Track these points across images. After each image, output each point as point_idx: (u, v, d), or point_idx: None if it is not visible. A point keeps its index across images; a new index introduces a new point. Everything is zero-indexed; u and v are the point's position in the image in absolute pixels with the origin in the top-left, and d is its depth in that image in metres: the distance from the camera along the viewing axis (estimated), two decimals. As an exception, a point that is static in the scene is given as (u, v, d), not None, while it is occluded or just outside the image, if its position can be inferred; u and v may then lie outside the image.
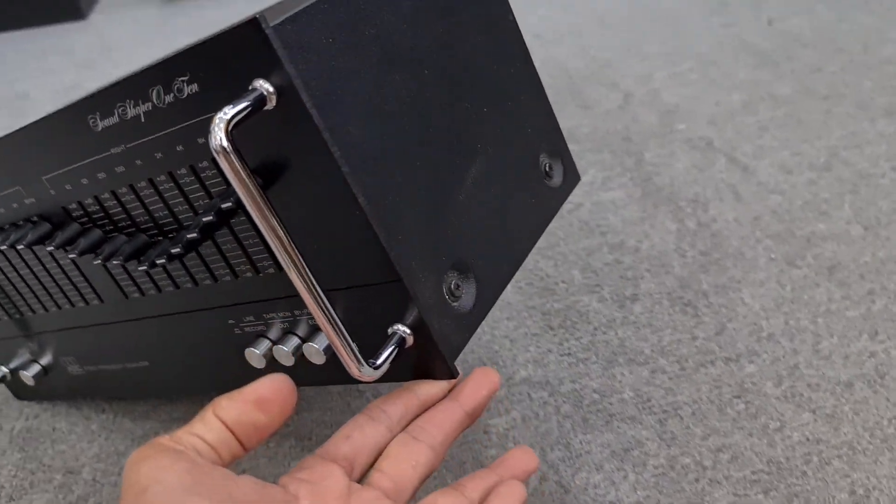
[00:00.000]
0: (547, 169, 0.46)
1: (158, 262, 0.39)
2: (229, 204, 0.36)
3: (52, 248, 0.43)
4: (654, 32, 1.07)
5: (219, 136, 0.30)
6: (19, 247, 0.44)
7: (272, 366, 0.41)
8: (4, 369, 0.57)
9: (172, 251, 0.38)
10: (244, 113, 0.30)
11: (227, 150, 0.30)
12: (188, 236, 0.37)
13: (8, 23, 1.56)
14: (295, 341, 0.40)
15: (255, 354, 0.40)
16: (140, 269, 0.40)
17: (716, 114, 0.84)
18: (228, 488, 0.30)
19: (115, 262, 0.41)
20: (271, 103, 0.31)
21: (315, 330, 0.39)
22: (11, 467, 0.53)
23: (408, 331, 0.36)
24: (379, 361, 0.35)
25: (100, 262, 0.41)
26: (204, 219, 0.36)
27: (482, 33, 0.43)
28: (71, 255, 0.42)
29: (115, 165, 0.39)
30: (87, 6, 1.59)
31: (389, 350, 0.35)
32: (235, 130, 0.30)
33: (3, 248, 0.46)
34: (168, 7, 1.56)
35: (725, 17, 1.08)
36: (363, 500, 0.34)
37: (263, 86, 0.31)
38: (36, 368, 0.55)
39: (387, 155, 0.35)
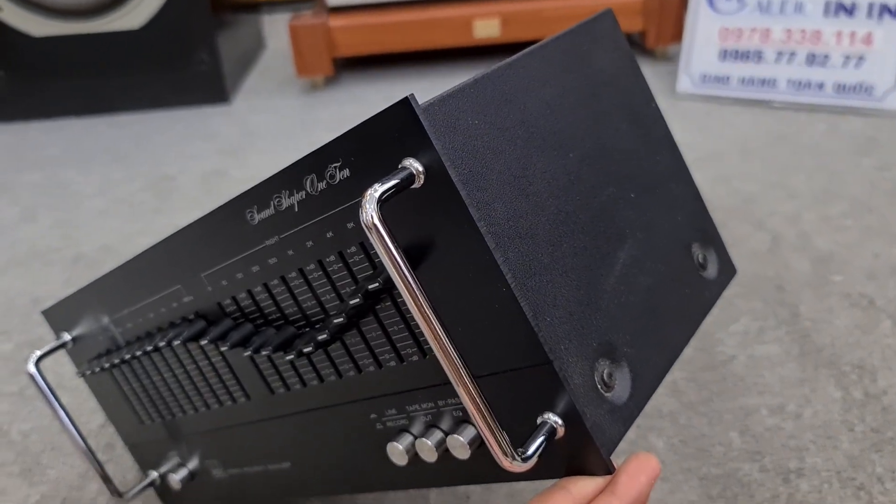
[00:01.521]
0: (700, 260, 0.45)
1: (305, 350, 0.40)
2: (377, 285, 0.36)
3: (205, 342, 0.44)
4: (798, 167, 1.05)
5: (370, 211, 0.30)
6: (175, 343, 0.46)
7: (414, 462, 0.40)
8: (155, 474, 0.58)
9: (319, 338, 0.39)
10: (394, 189, 0.31)
11: (378, 224, 0.30)
12: (335, 321, 0.38)
13: (156, 103, 1.66)
14: (438, 435, 0.39)
15: (397, 449, 0.40)
16: (287, 358, 0.41)
17: (875, 267, 0.80)
18: None
19: (263, 353, 0.42)
20: (419, 181, 0.32)
21: (459, 423, 0.38)
22: (157, 583, 0.53)
23: (559, 420, 0.34)
24: (529, 452, 0.33)
25: (249, 353, 0.42)
26: (351, 302, 0.37)
27: (626, 121, 0.43)
28: (223, 349, 0.43)
29: (269, 257, 0.40)
30: (232, 90, 1.68)
31: (540, 440, 0.34)
32: (384, 208, 0.31)
33: (161, 344, 0.47)
34: (307, 97, 1.64)
35: (877, 159, 1.05)
36: None
37: (413, 164, 0.32)
38: (184, 472, 0.55)
39: (533, 235, 0.35)
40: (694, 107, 1.31)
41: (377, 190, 0.31)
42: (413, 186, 0.32)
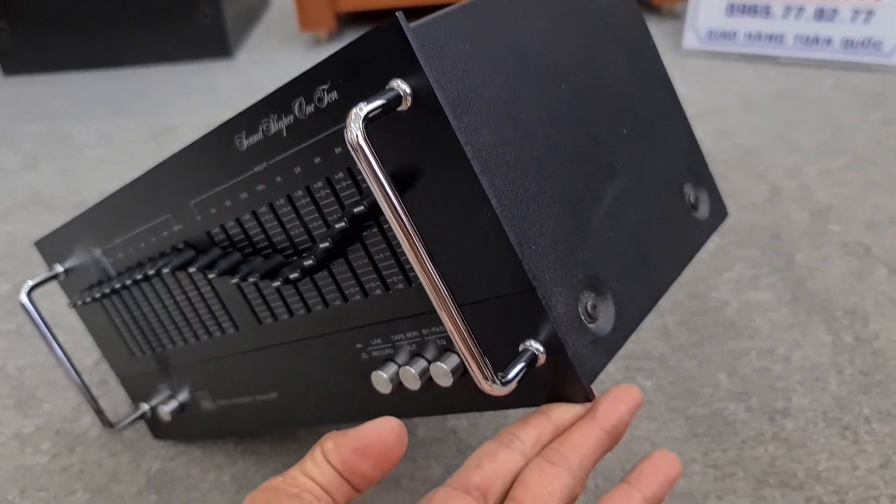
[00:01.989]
0: (692, 200, 0.45)
1: (292, 277, 0.40)
2: (362, 208, 0.36)
3: (193, 269, 0.45)
4: (803, 121, 1.03)
5: (355, 130, 0.30)
6: (164, 271, 0.46)
7: (399, 391, 0.40)
8: (146, 406, 0.58)
9: (306, 264, 0.39)
10: (379, 109, 0.31)
11: (363, 144, 0.30)
12: (321, 246, 0.38)
13: (157, 57, 1.65)
14: (422, 363, 0.39)
15: (381, 378, 0.40)
16: (274, 285, 0.41)
17: (874, 218, 0.79)
18: None
19: (251, 281, 0.42)
20: (406, 104, 0.32)
21: (443, 352, 0.38)
22: (146, 509, 0.54)
23: (540, 348, 0.34)
24: (509, 376, 0.33)
25: (237, 281, 0.42)
26: (337, 226, 0.37)
27: (622, 57, 0.43)
28: (210, 276, 0.44)
29: (257, 184, 0.40)
30: (235, 45, 1.67)
31: (520, 366, 0.34)
32: (370, 131, 0.30)
33: (151, 273, 0.48)
34: (310, 52, 1.63)
35: (883, 113, 1.03)
36: None
37: (400, 86, 0.32)
38: (173, 404, 0.56)
39: (520, 163, 0.34)
40: (699, 63, 1.29)
41: (362, 109, 0.30)
42: (400, 109, 0.32)
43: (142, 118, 1.33)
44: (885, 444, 0.53)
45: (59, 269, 0.57)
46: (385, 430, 0.32)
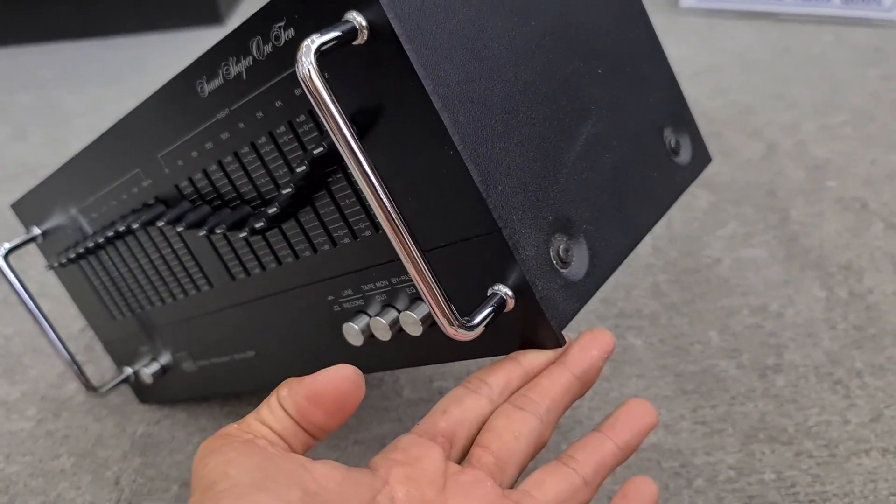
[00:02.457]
0: (672, 144, 0.43)
1: (258, 226, 0.39)
2: (322, 149, 0.35)
3: (162, 223, 0.44)
4: (801, 78, 1.01)
5: (306, 64, 0.29)
6: (134, 226, 0.45)
7: (370, 343, 0.39)
8: (130, 370, 0.58)
9: (270, 212, 0.38)
10: (333, 42, 0.29)
11: (315, 78, 0.29)
12: (284, 192, 0.37)
13: (148, 25, 1.63)
14: (393, 314, 0.38)
15: (353, 330, 0.39)
16: (241, 236, 0.40)
17: (872, 174, 0.78)
18: (302, 480, 0.28)
19: (218, 232, 0.41)
20: (362, 37, 0.30)
21: (413, 301, 0.38)
22: (132, 471, 0.53)
23: (509, 292, 0.33)
24: (475, 321, 0.32)
25: (204, 233, 0.41)
26: (298, 170, 0.36)
27: None
28: (178, 229, 0.43)
29: (221, 132, 0.39)
30: (225, 12, 1.65)
31: (487, 310, 0.33)
32: (326, 68, 0.29)
33: (121, 230, 0.47)
34: (302, 19, 1.60)
35: (883, 69, 1.01)
36: (461, 484, 0.31)
37: (356, 18, 0.30)
38: (155, 367, 0.56)
39: (486, 101, 0.33)
40: (696, 21, 1.27)
41: (315, 41, 0.29)
42: (355, 42, 0.31)
43: (133, 87, 1.32)
44: (876, 397, 0.52)
45: (37, 231, 0.56)
46: (339, 378, 0.31)
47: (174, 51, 1.48)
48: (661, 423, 0.52)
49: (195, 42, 1.52)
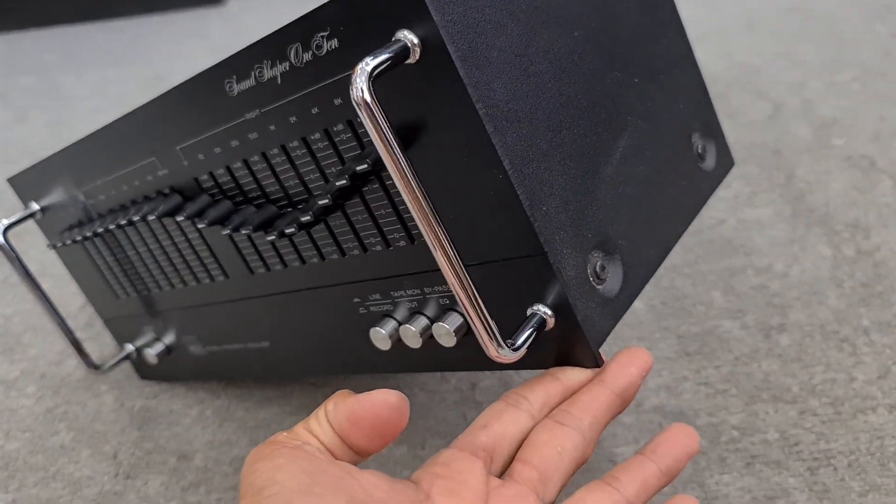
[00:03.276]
0: (700, 150, 0.43)
1: (288, 231, 0.38)
2: (365, 166, 0.34)
3: (181, 218, 0.43)
4: (808, 37, 0.99)
5: (361, 86, 0.28)
6: (150, 218, 0.44)
7: (397, 348, 0.38)
8: (131, 347, 0.57)
9: (303, 219, 0.37)
10: (386, 64, 0.29)
11: (370, 101, 0.28)
12: (320, 202, 0.36)
13: (148, 6, 1.62)
14: (423, 322, 0.37)
15: (380, 335, 0.38)
16: (268, 238, 0.39)
17: (880, 130, 0.76)
18: (349, 487, 0.28)
19: (243, 233, 0.40)
20: (414, 56, 0.30)
21: (445, 310, 0.37)
22: (130, 445, 0.53)
23: (549, 312, 0.33)
24: (518, 342, 0.32)
25: (228, 232, 0.41)
26: (338, 183, 0.35)
27: (635, 1, 0.40)
28: (200, 226, 0.42)
29: (249, 132, 0.38)
30: (226, -8, 1.63)
31: (529, 331, 0.33)
32: (376, 85, 0.28)
33: (136, 219, 0.46)
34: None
35: (893, 25, 0.99)
36: (505, 498, 0.31)
37: (408, 37, 0.29)
38: (160, 347, 0.55)
39: (532, 119, 0.32)
40: (702, -16, 1.24)
41: (369, 64, 0.28)
42: (408, 62, 0.30)
43: (134, 68, 1.31)
44: (884, 354, 0.51)
45: (35, 207, 0.55)
46: (380, 404, 0.30)
47: (175, 32, 1.47)
48: (663, 384, 0.52)
49: (194, 21, 1.51)
